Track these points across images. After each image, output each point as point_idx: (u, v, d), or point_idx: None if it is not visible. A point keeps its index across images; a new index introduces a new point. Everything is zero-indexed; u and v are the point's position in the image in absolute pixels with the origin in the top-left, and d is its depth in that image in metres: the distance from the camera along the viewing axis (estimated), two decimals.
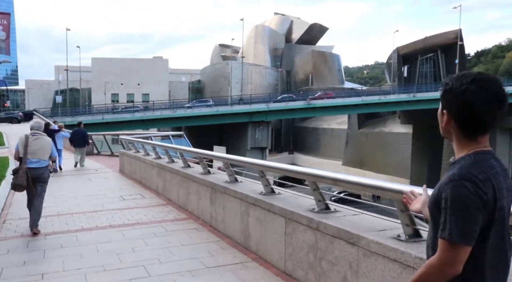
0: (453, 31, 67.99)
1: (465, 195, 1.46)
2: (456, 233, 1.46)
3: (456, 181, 1.49)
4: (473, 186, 1.47)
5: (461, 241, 1.46)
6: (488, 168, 1.53)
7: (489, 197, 1.49)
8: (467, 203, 1.46)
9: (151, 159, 10.65)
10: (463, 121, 1.58)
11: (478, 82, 1.54)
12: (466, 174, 1.49)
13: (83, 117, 43.37)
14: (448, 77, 1.64)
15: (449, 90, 1.59)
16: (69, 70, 62.68)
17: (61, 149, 14.85)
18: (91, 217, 7.58)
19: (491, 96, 1.53)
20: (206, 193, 6.98)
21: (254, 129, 48.40)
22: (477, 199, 1.46)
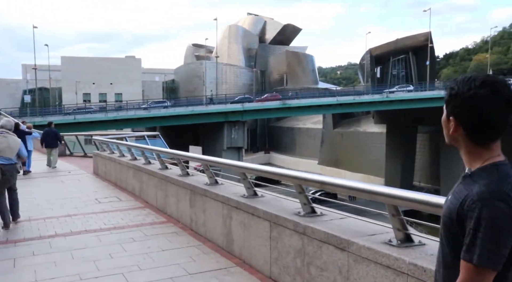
0: (423, 33, 69.66)
1: (498, 217, 1.35)
2: (486, 257, 1.35)
3: (488, 200, 1.37)
4: (507, 207, 1.36)
5: (490, 266, 1.36)
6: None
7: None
8: (500, 225, 1.35)
9: (127, 161, 10.36)
10: (474, 128, 1.46)
11: (488, 85, 1.44)
12: (498, 193, 1.37)
13: (53, 117, 42.13)
14: (453, 81, 1.53)
15: (456, 95, 1.48)
16: (38, 69, 60.88)
17: (31, 151, 14.43)
18: (65, 222, 7.27)
19: (503, 100, 1.43)
20: (185, 195, 6.80)
21: (230, 129, 48.17)
22: (510, 221, 1.36)
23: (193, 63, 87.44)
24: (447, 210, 1.51)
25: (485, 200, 1.37)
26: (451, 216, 1.47)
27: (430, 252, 3.05)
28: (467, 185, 1.47)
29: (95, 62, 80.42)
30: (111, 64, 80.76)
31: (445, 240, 1.53)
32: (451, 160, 52.45)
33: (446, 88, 1.55)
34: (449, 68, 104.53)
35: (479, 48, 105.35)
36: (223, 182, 6.43)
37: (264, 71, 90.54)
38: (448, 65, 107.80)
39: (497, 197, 1.37)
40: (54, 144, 15.39)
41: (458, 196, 1.47)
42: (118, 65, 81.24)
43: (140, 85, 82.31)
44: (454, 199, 1.49)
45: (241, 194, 5.39)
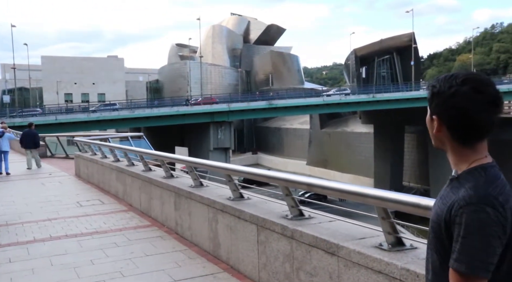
0: (407, 34, 70.40)
1: (486, 223, 1.28)
2: (474, 266, 1.29)
3: (475, 205, 1.30)
4: (494, 212, 1.29)
5: (479, 275, 1.30)
6: (504, 186, 1.36)
7: (509, 222, 1.31)
8: (488, 232, 1.29)
9: (109, 162, 10.11)
10: (456, 128, 1.40)
11: (471, 83, 1.37)
12: (486, 197, 1.31)
13: (34, 117, 41.33)
14: (435, 79, 1.46)
15: (437, 93, 1.42)
16: (17, 69, 59.59)
17: (7, 151, 14.16)
18: (45, 226, 7.02)
19: (487, 99, 1.37)
20: (170, 198, 6.62)
21: (216, 130, 47.83)
22: (498, 227, 1.29)
23: (177, 63, 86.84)
24: (435, 215, 1.44)
25: (472, 205, 1.31)
26: (439, 222, 1.40)
27: (422, 256, 2.95)
28: (454, 188, 1.40)
29: (77, 62, 79.30)
30: (93, 64, 79.70)
31: (433, 246, 1.46)
32: (440, 160, 53.02)
33: (428, 86, 1.48)
34: (434, 68, 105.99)
35: (462, 49, 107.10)
36: (208, 184, 6.27)
37: (249, 71, 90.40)
38: (433, 66, 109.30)
39: (484, 201, 1.30)
40: (32, 145, 15.26)
41: (446, 201, 1.41)
42: (100, 64, 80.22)
43: (124, 85, 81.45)
44: (442, 204, 1.42)
45: (227, 197, 5.25)
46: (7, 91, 73.35)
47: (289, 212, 4.24)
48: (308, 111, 56.08)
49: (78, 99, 75.00)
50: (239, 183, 5.37)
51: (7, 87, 75.60)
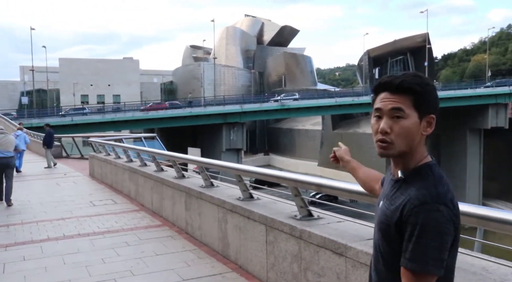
0: (421, 34, 69.78)
1: (440, 221, 1.29)
2: (429, 264, 1.29)
3: (429, 205, 1.30)
4: (447, 210, 1.31)
5: (433, 272, 1.30)
6: (449, 185, 1.38)
7: (456, 216, 1.34)
8: (442, 230, 1.29)
9: (123, 163, 10.22)
10: (434, 123, 1.42)
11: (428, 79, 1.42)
12: (438, 196, 1.32)
13: (51, 118, 41.98)
14: (416, 78, 1.40)
15: (434, 91, 1.41)
16: (36, 71, 60.70)
17: (23, 150, 14.73)
18: (58, 225, 7.13)
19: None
20: (181, 198, 6.67)
21: (229, 131, 47.99)
22: (450, 225, 1.31)
23: (191, 64, 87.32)
24: (383, 216, 1.42)
25: (427, 205, 1.30)
26: (389, 223, 1.38)
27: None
28: (402, 189, 1.40)
29: (93, 64, 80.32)
30: (109, 66, 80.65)
31: (379, 247, 1.44)
32: (452, 161, 52.50)
33: (418, 86, 1.38)
34: (448, 69, 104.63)
35: (477, 49, 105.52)
36: (219, 184, 6.30)
37: (262, 72, 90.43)
38: (447, 66, 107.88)
39: (438, 201, 1.31)
40: (45, 144, 16.06)
41: (394, 201, 1.39)
42: (115, 66, 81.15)
43: (138, 86, 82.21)
44: (390, 205, 1.40)
45: (236, 197, 5.26)
46: (26, 93, 74.70)
47: (298, 212, 4.24)
48: (320, 112, 55.87)
49: (94, 100, 75.98)
50: (250, 184, 5.38)
51: (26, 88, 76.98)
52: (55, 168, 15.70)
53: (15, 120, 37.34)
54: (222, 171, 6.37)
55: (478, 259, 2.82)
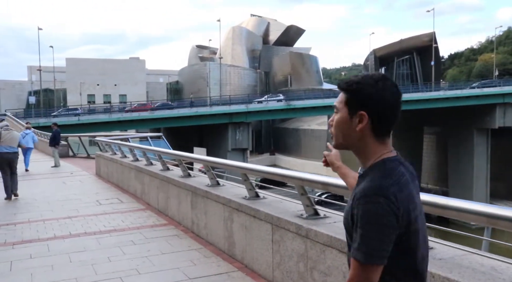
0: (427, 33, 69.41)
1: (378, 213, 1.34)
2: (369, 255, 1.35)
3: (368, 197, 1.36)
4: (386, 202, 1.34)
5: (373, 262, 1.36)
6: (399, 177, 1.42)
7: (403, 211, 1.37)
8: (381, 221, 1.34)
9: (129, 162, 10.25)
10: (381, 122, 1.46)
11: (390, 80, 1.49)
12: (379, 188, 1.37)
13: (57, 118, 42.22)
14: (350, 79, 1.51)
15: (363, 89, 1.46)
16: (43, 71, 61.07)
17: (30, 148, 15.26)
18: (65, 224, 7.16)
19: (399, 95, 1.49)
20: (187, 197, 6.67)
21: (235, 130, 47.95)
22: (391, 216, 1.35)
23: (197, 64, 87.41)
24: (345, 211, 1.51)
25: (367, 197, 1.36)
26: (347, 217, 1.47)
27: (438, 256, 2.92)
28: (359, 184, 1.47)
29: (100, 64, 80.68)
30: (115, 66, 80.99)
31: (347, 241, 1.53)
32: (459, 161, 52.09)
33: (347, 85, 1.49)
34: (455, 68, 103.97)
35: (484, 48, 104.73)
36: (225, 183, 6.29)
37: (268, 72, 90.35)
38: (453, 66, 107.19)
39: (378, 192, 1.36)
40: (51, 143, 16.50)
41: (352, 196, 1.47)
42: (122, 66, 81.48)
43: (145, 86, 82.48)
44: (350, 200, 1.48)
45: (242, 196, 5.25)
46: (33, 93, 75.22)
47: (304, 211, 4.22)
48: (326, 112, 55.58)
49: (101, 100, 76.29)
50: (256, 183, 5.36)
51: (33, 88, 77.52)
52: (55, 168, 15.78)
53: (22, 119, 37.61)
54: (228, 170, 6.37)
55: (487, 258, 2.79)
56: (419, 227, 1.44)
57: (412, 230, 1.41)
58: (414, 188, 1.47)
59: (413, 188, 1.45)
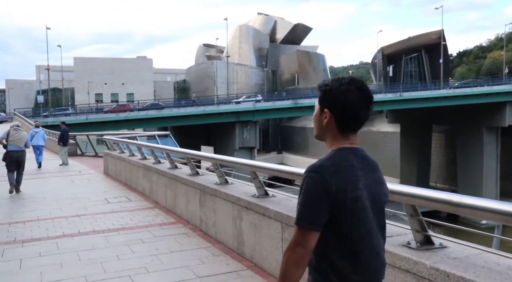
0: (436, 31, 68.84)
1: (311, 185, 1.60)
2: (302, 219, 1.61)
3: (307, 172, 1.63)
4: (318, 176, 1.60)
5: (305, 227, 1.61)
6: (341, 161, 1.66)
7: (336, 189, 1.59)
8: (312, 192, 1.60)
9: (137, 160, 10.25)
10: (343, 119, 1.70)
11: (355, 83, 1.70)
12: (318, 166, 1.63)
13: (66, 117, 42.47)
14: (322, 82, 1.77)
15: (330, 90, 1.71)
16: (51, 70, 61.45)
17: (42, 146, 15.81)
18: (73, 222, 7.16)
19: (365, 96, 1.70)
20: (195, 195, 6.64)
21: (242, 129, 47.90)
22: (321, 189, 1.59)
23: (204, 63, 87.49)
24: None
25: (306, 172, 1.64)
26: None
27: (452, 256, 2.86)
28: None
29: (107, 63, 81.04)
30: (123, 65, 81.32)
31: None
32: (468, 160, 51.60)
33: (319, 87, 1.76)
34: (463, 66, 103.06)
35: (494, 46, 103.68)
36: (233, 181, 6.26)
37: (275, 70, 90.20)
38: (462, 63, 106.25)
39: (313, 169, 1.62)
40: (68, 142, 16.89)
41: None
42: (129, 65, 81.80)
43: (152, 85, 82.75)
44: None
45: (251, 194, 5.21)
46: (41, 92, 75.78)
47: None
48: None
49: (108, 99, 76.68)
50: (265, 181, 5.32)
51: (41, 87, 78.11)
52: (63, 166, 15.99)
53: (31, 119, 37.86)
54: (237, 168, 6.32)
55: (503, 257, 2.73)
56: (358, 210, 1.63)
57: (349, 211, 1.61)
58: (367, 177, 1.68)
59: (361, 174, 1.66)
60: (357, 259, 1.64)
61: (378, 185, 1.72)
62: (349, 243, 1.63)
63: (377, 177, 1.73)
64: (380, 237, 1.73)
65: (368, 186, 1.66)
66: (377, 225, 1.70)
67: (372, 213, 1.67)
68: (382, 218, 1.76)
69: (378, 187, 1.72)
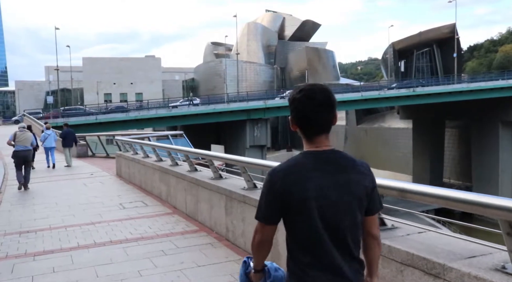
0: (447, 25, 67.75)
1: (264, 184, 1.81)
2: (258, 215, 1.84)
3: (266, 175, 1.82)
4: (269, 178, 1.78)
5: (258, 220, 1.85)
6: (291, 165, 1.77)
7: (282, 190, 1.72)
8: (264, 191, 1.80)
9: (152, 162, 9.71)
10: (300, 125, 1.81)
11: (304, 92, 1.78)
12: (272, 170, 1.80)
13: (75, 117, 42.22)
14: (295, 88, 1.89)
15: (289, 100, 1.84)
16: (60, 70, 61.31)
17: (54, 147, 16.06)
18: (88, 231, 6.63)
19: (314, 102, 1.75)
20: (220, 201, 6.07)
21: (253, 127, 47.27)
22: (270, 188, 1.77)
23: (213, 61, 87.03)
24: None
25: (267, 175, 1.83)
26: None
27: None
28: None
29: (116, 62, 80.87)
30: (131, 64, 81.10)
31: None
32: (483, 155, 50.58)
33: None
34: (474, 60, 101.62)
35: (505, 39, 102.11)
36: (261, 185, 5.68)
37: (284, 68, 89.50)
38: (473, 58, 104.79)
39: (270, 172, 1.81)
40: (73, 143, 17.07)
41: None
42: (138, 64, 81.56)
43: (161, 84, 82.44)
44: None
45: None
46: (51, 92, 75.80)
47: None
48: (345, 107, 54.61)
49: (117, 98, 76.51)
50: None
51: (51, 88, 78.16)
52: (73, 168, 15.74)
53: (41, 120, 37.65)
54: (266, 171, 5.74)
55: None
56: (305, 209, 1.70)
57: (297, 210, 1.72)
58: (324, 179, 1.73)
59: (314, 176, 1.72)
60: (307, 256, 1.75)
61: (342, 187, 1.74)
62: (298, 241, 1.77)
63: (343, 179, 1.75)
64: (337, 238, 1.74)
65: (322, 188, 1.71)
66: (333, 226, 1.72)
67: (323, 214, 1.71)
68: (346, 218, 1.75)
69: (340, 189, 1.73)
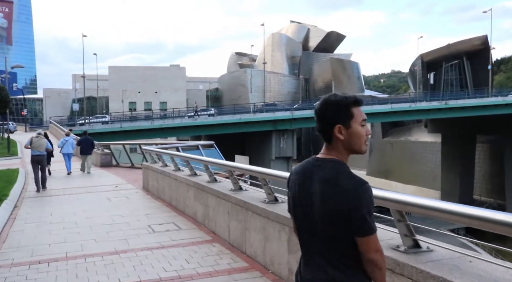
0: (479, 37, 65.64)
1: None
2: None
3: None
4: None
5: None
6: (295, 169, 1.96)
7: (289, 185, 1.97)
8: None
9: (185, 177, 8.44)
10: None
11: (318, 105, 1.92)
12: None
13: (100, 125, 41.72)
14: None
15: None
16: (86, 79, 61.51)
17: (71, 154, 16.48)
18: (112, 264, 5.37)
19: (316, 115, 1.89)
20: (280, 233, 4.75)
21: (279, 138, 45.83)
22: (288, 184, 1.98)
23: (237, 71, 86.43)
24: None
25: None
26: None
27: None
28: None
29: (141, 71, 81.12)
30: (156, 73, 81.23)
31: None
32: None
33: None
34: (501, 74, 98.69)
35: None
36: None
37: (308, 78, 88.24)
38: (500, 72, 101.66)
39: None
40: (89, 151, 16.92)
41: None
42: (163, 73, 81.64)
43: (185, 93, 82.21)
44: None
45: None
46: (77, 100, 76.29)
47: (401, 242, 2.23)
48: (373, 119, 52.70)
49: (142, 107, 76.48)
50: None
51: (77, 96, 78.71)
52: (86, 173, 16.29)
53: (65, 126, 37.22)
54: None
55: None
56: (291, 208, 1.93)
57: (292, 204, 1.93)
58: (301, 183, 1.86)
59: (297, 179, 1.89)
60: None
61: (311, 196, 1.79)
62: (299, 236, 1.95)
63: (314, 188, 1.79)
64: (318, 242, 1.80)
65: (297, 192, 1.87)
66: (309, 228, 1.83)
67: (302, 215, 1.85)
68: (316, 224, 1.79)
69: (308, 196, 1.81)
